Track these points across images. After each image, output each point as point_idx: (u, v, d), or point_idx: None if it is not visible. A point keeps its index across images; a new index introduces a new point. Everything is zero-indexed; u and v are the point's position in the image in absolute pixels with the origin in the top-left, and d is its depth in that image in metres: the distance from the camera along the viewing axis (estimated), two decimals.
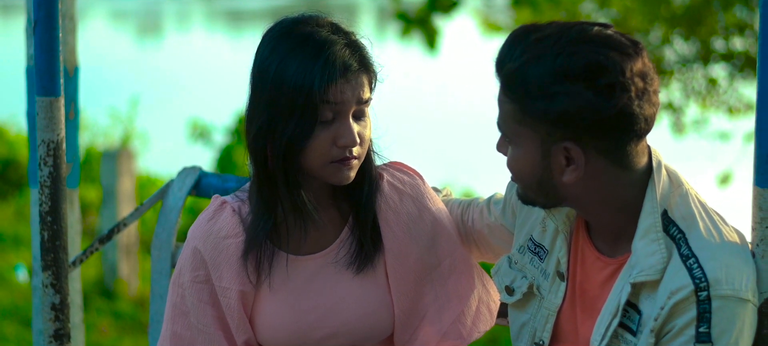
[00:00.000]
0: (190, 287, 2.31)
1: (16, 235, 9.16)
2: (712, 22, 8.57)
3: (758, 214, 2.02)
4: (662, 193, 2.06)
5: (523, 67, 1.97)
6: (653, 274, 2.02)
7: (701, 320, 1.95)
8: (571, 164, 2.01)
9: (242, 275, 2.30)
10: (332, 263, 2.35)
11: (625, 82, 1.94)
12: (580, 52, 1.94)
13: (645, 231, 2.04)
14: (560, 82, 1.94)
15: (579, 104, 1.94)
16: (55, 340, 2.50)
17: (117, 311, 7.61)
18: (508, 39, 2.03)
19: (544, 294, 2.24)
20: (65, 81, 3.09)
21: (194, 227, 2.34)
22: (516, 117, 2.01)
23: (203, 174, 2.88)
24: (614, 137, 1.99)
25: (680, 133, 9.05)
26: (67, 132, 3.08)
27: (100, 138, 11.31)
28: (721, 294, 1.95)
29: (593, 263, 2.16)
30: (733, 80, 8.88)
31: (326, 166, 2.23)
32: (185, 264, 2.32)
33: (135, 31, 28.40)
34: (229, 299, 2.30)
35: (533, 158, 2.03)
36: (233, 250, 2.30)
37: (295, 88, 2.18)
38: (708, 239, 2.01)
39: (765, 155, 1.99)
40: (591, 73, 1.94)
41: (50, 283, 2.47)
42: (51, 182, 2.44)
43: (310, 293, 2.33)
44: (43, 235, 2.46)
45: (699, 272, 1.97)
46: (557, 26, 2.00)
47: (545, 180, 2.05)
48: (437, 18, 8.19)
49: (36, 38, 2.39)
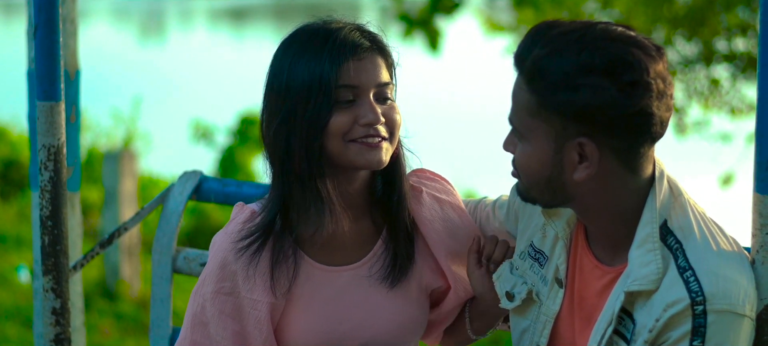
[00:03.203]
0: (211, 299, 2.25)
1: (19, 236, 9.17)
2: (714, 22, 8.56)
3: (758, 220, 2.01)
4: (663, 203, 2.05)
5: (546, 59, 1.96)
6: (647, 284, 2.01)
7: (696, 334, 1.94)
8: (584, 161, 2.00)
9: (274, 286, 2.26)
10: (366, 276, 2.33)
11: (648, 81, 1.95)
12: (606, 48, 1.94)
13: (642, 241, 2.03)
14: (584, 75, 1.93)
15: (602, 99, 1.94)
16: (56, 344, 2.50)
17: (119, 312, 7.61)
18: (530, 32, 2.02)
19: (542, 300, 2.24)
20: (66, 84, 3.09)
21: (221, 237, 2.28)
22: (531, 110, 2.00)
23: (204, 178, 2.88)
24: (630, 137, 1.99)
25: (682, 134, 9.04)
26: (69, 135, 3.08)
27: (102, 139, 11.32)
28: (717, 309, 1.94)
29: (592, 271, 2.16)
30: (735, 81, 8.87)
31: (350, 147, 2.19)
32: (210, 275, 2.25)
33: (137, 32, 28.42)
34: (259, 312, 2.25)
35: (545, 154, 2.02)
36: (268, 261, 2.26)
37: (309, 75, 2.18)
38: (705, 251, 2.00)
39: (765, 162, 1.98)
40: (616, 69, 1.93)
41: (51, 287, 2.47)
42: (51, 186, 2.44)
43: (342, 305, 2.31)
44: (44, 239, 2.46)
45: (696, 285, 1.96)
46: (581, 23, 2.00)
47: (555, 177, 2.03)
48: (439, 19, 8.19)
49: (36, 43, 2.39)
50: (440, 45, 8.21)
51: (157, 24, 30.10)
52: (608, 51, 1.94)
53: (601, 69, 1.93)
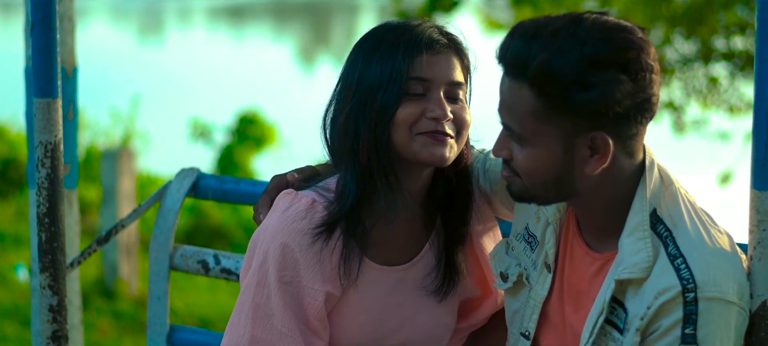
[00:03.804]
0: (276, 288, 2.22)
1: (17, 234, 9.16)
2: (713, 21, 8.57)
3: (755, 217, 2.01)
4: (653, 191, 2.06)
5: (552, 62, 1.93)
6: (638, 272, 2.02)
7: (687, 321, 1.95)
8: (595, 154, 2.00)
9: (334, 277, 2.24)
10: (415, 281, 2.33)
11: (652, 64, 1.96)
12: (607, 40, 1.93)
13: (632, 228, 2.04)
14: (595, 72, 1.92)
15: (617, 92, 1.93)
16: (53, 342, 2.50)
17: (117, 310, 7.61)
18: (518, 38, 1.98)
19: (532, 284, 2.25)
20: (64, 82, 3.08)
21: (280, 224, 2.23)
22: (538, 115, 1.98)
23: (201, 176, 2.88)
24: (638, 122, 1.99)
25: (681, 133, 9.05)
26: (66, 133, 3.07)
27: (100, 137, 11.31)
28: (708, 296, 1.95)
29: (582, 258, 2.16)
30: (733, 79, 8.87)
31: (415, 139, 2.19)
32: (272, 263, 2.21)
33: (136, 30, 28.41)
34: (318, 302, 2.23)
35: (554, 155, 2.00)
36: (330, 250, 2.23)
37: (382, 66, 2.19)
38: (696, 240, 2.01)
39: (762, 159, 1.98)
40: (623, 59, 1.93)
41: (48, 284, 2.47)
42: (48, 183, 2.43)
43: (389, 305, 2.31)
44: (41, 236, 2.45)
45: (687, 272, 1.97)
46: (566, 17, 1.98)
47: (564, 175, 2.02)
48: (438, 17, 8.19)
49: (33, 40, 2.39)
50: None
51: (155, 22, 30.09)
52: (610, 42, 1.93)
53: (608, 61, 1.93)
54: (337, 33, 29.28)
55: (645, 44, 1.96)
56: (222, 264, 2.80)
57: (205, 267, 2.81)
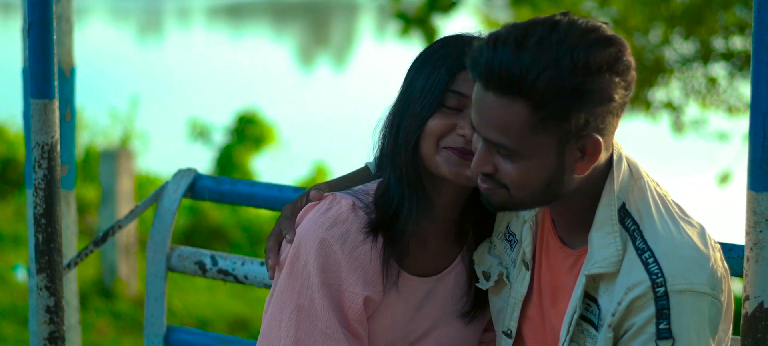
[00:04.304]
0: (319, 290, 2.20)
1: (16, 235, 9.16)
2: (711, 21, 8.56)
3: (752, 218, 2.01)
4: (621, 185, 2.06)
5: (551, 74, 1.91)
6: (607, 266, 2.02)
7: (661, 316, 1.95)
8: (586, 156, 1.99)
9: (375, 282, 2.23)
10: (441, 292, 2.32)
11: (633, 61, 1.97)
12: (594, 43, 1.93)
13: (601, 223, 2.04)
14: (591, 78, 1.92)
15: (614, 93, 1.94)
16: (50, 342, 2.50)
17: (116, 311, 7.61)
18: (501, 51, 1.94)
19: (511, 282, 2.24)
20: (62, 82, 3.08)
21: (322, 226, 2.20)
22: (534, 128, 1.95)
23: (198, 176, 2.88)
24: (619, 117, 2.01)
25: (680, 133, 9.04)
26: (64, 133, 3.07)
27: (99, 137, 11.31)
28: (678, 289, 1.95)
29: (557, 254, 2.16)
30: (732, 79, 8.87)
31: (440, 153, 2.18)
32: (314, 264, 2.19)
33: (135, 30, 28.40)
34: (356, 305, 2.22)
35: (548, 163, 1.99)
36: (371, 255, 2.22)
37: (427, 77, 2.21)
38: (663, 233, 2.01)
39: (758, 160, 1.98)
40: (614, 62, 1.93)
41: (45, 285, 2.47)
42: (45, 184, 2.43)
43: (419, 315, 2.31)
44: (38, 237, 2.45)
45: (655, 266, 1.97)
46: (539, 24, 1.96)
47: (554, 180, 2.01)
48: (436, 17, 8.18)
49: (30, 40, 2.39)
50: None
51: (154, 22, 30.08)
52: (598, 46, 1.93)
53: (600, 66, 1.92)
54: (336, 33, 29.28)
55: (624, 42, 1.97)
56: (219, 265, 2.79)
57: (202, 268, 2.81)
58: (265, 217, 10.19)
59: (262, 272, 2.75)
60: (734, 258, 2.31)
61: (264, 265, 2.75)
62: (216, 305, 7.96)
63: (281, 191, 2.83)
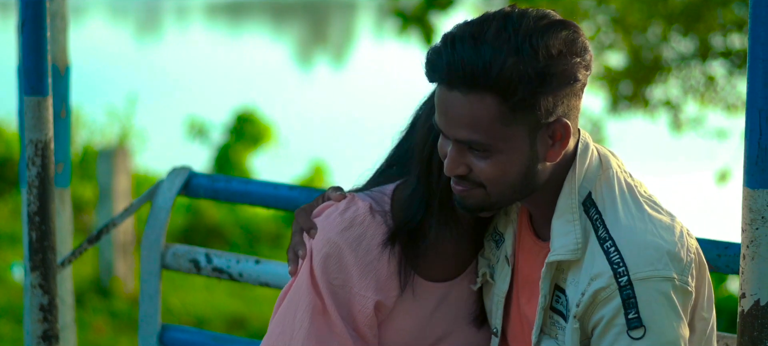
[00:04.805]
0: (327, 290, 2.17)
1: (13, 233, 9.16)
2: (710, 19, 8.55)
3: (748, 215, 2.00)
4: (588, 174, 2.05)
5: (513, 63, 1.91)
6: (566, 254, 2.01)
7: (627, 306, 1.94)
8: (557, 141, 1.99)
9: (387, 287, 2.20)
10: (455, 297, 2.29)
11: (587, 43, 1.99)
12: (548, 28, 1.94)
13: (562, 211, 2.03)
14: (553, 61, 1.92)
15: (574, 75, 1.95)
16: (44, 341, 2.49)
17: (113, 309, 7.61)
18: (459, 48, 1.92)
19: (495, 281, 2.23)
20: (57, 80, 3.08)
21: (336, 227, 2.18)
22: (504, 119, 1.94)
23: (193, 174, 2.87)
24: (580, 99, 2.02)
25: (678, 131, 9.04)
26: (59, 131, 3.06)
27: (97, 136, 11.31)
28: (641, 276, 1.95)
29: (531, 248, 2.15)
30: (731, 77, 8.86)
31: None
32: (324, 265, 2.17)
33: (134, 28, 28.40)
34: (367, 309, 2.19)
35: (522, 153, 1.98)
36: (385, 260, 2.20)
37: None
38: (625, 222, 2.00)
39: (755, 157, 1.97)
40: (571, 43, 1.95)
41: (38, 284, 2.46)
42: (39, 182, 2.43)
43: (432, 321, 2.28)
44: (32, 235, 2.45)
45: (616, 256, 1.96)
46: (490, 17, 1.96)
47: (530, 170, 2.00)
48: (434, 15, 8.19)
49: (23, 38, 2.39)
50: (435, 41, 8.20)
51: (153, 20, 30.08)
52: (554, 30, 1.94)
53: (562, 49, 1.93)
54: (335, 32, 29.28)
55: (576, 25, 1.99)
56: (213, 263, 2.79)
57: (196, 266, 2.81)
58: (262, 215, 10.19)
59: (257, 270, 2.74)
60: (731, 255, 2.30)
61: (259, 263, 2.75)
62: (213, 303, 7.96)
63: (276, 188, 2.82)
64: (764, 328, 2.00)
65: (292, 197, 2.79)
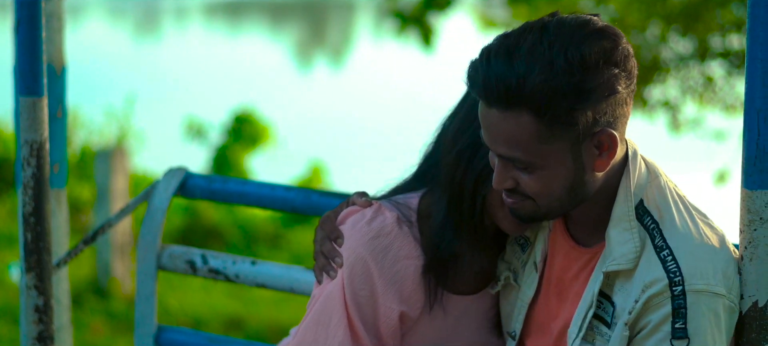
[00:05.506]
0: (351, 302, 2.16)
1: (11, 233, 9.15)
2: (709, 19, 8.54)
3: (746, 216, 1.99)
4: (638, 182, 2.03)
5: (546, 79, 1.87)
6: (626, 263, 2.00)
7: (677, 315, 1.94)
8: (604, 152, 1.96)
9: (412, 299, 2.19)
10: (476, 309, 2.28)
11: (629, 49, 1.94)
12: (586, 38, 1.89)
13: (618, 219, 2.02)
14: (590, 75, 1.88)
15: (615, 88, 1.90)
16: (39, 342, 2.48)
17: (110, 310, 7.60)
18: (494, 63, 1.90)
19: (520, 285, 2.22)
20: (53, 80, 3.07)
21: (363, 237, 2.17)
22: (542, 137, 1.91)
23: (189, 175, 2.86)
24: (628, 105, 1.97)
25: (677, 131, 9.03)
26: (55, 131, 3.05)
27: (95, 136, 11.30)
28: (695, 289, 1.93)
29: (567, 253, 2.14)
30: (730, 78, 8.86)
31: (504, 207, 2.11)
32: (350, 276, 2.16)
33: (132, 28, 28.39)
34: (391, 319, 2.18)
35: (565, 167, 1.95)
36: (411, 271, 2.19)
37: None
38: (683, 232, 1.99)
39: (752, 157, 1.97)
40: (610, 53, 1.90)
41: (34, 285, 2.46)
42: (34, 182, 2.42)
43: (455, 333, 2.27)
44: (27, 236, 2.44)
45: (673, 264, 1.95)
46: (528, 28, 1.92)
47: (577, 181, 1.98)
48: (433, 15, 8.18)
49: (18, 38, 2.39)
50: (434, 42, 8.20)
51: (152, 21, 30.07)
52: (592, 40, 1.90)
53: (600, 60, 1.89)
54: (333, 32, 29.27)
55: (617, 32, 1.94)
56: (209, 264, 2.78)
57: (192, 267, 2.79)
58: (261, 216, 10.18)
59: (253, 272, 2.73)
60: None
61: (255, 264, 2.74)
62: (211, 304, 7.95)
63: (273, 189, 2.81)
64: (763, 329, 1.99)
65: (289, 197, 2.78)
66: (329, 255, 2.21)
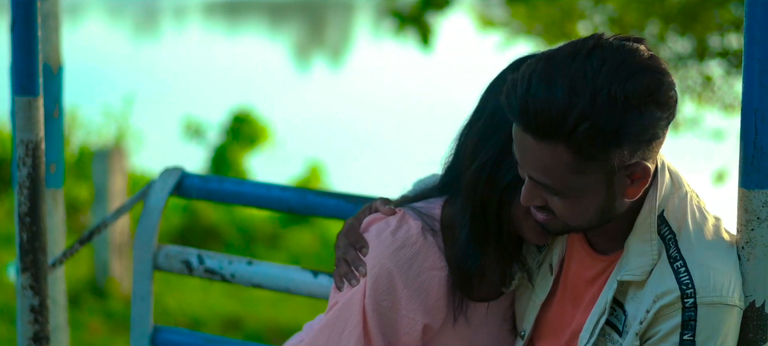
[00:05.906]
0: (373, 311, 2.15)
1: (9, 233, 9.14)
2: (707, 18, 8.54)
3: (744, 216, 1.99)
4: (664, 194, 2.02)
5: (583, 116, 1.84)
6: (640, 275, 2.00)
7: (686, 327, 1.93)
8: (636, 180, 1.94)
9: (435, 310, 2.18)
10: (495, 310, 2.27)
11: (673, 84, 1.91)
12: (631, 77, 1.85)
13: (640, 230, 2.01)
14: (631, 115, 1.85)
15: (657, 127, 1.89)
16: (35, 342, 2.47)
17: (108, 310, 7.59)
18: (534, 91, 1.85)
19: (534, 285, 2.22)
20: (49, 80, 3.06)
21: (388, 247, 2.16)
22: (576, 169, 1.89)
23: (185, 175, 2.86)
24: (665, 137, 1.95)
25: (675, 131, 9.03)
26: (52, 131, 3.05)
27: (93, 136, 11.29)
28: (707, 301, 1.93)
29: (584, 259, 2.13)
30: (728, 77, 8.86)
31: (528, 218, 2.09)
32: (373, 286, 2.15)
33: (131, 28, 28.38)
34: (414, 330, 2.18)
35: (596, 196, 1.94)
36: (435, 283, 2.18)
37: None
38: (697, 243, 1.98)
39: (750, 157, 1.96)
40: (654, 93, 1.86)
41: (29, 285, 2.45)
42: (30, 182, 2.41)
43: (478, 335, 2.27)
44: (22, 236, 2.43)
45: (686, 276, 1.94)
46: (572, 52, 1.87)
47: (607, 207, 1.97)
48: (431, 15, 8.17)
49: (14, 37, 2.39)
50: (432, 41, 8.20)
51: (150, 20, 30.05)
52: (635, 78, 1.85)
53: (641, 101, 1.85)
54: (332, 32, 29.26)
55: (663, 67, 1.90)
56: (205, 264, 2.77)
57: (188, 267, 2.79)
58: (258, 216, 10.17)
59: (249, 272, 2.73)
60: None
61: (251, 264, 2.74)
62: (209, 304, 7.94)
63: (269, 189, 2.81)
64: (760, 330, 1.99)
65: (285, 197, 2.78)
66: (353, 264, 2.19)
